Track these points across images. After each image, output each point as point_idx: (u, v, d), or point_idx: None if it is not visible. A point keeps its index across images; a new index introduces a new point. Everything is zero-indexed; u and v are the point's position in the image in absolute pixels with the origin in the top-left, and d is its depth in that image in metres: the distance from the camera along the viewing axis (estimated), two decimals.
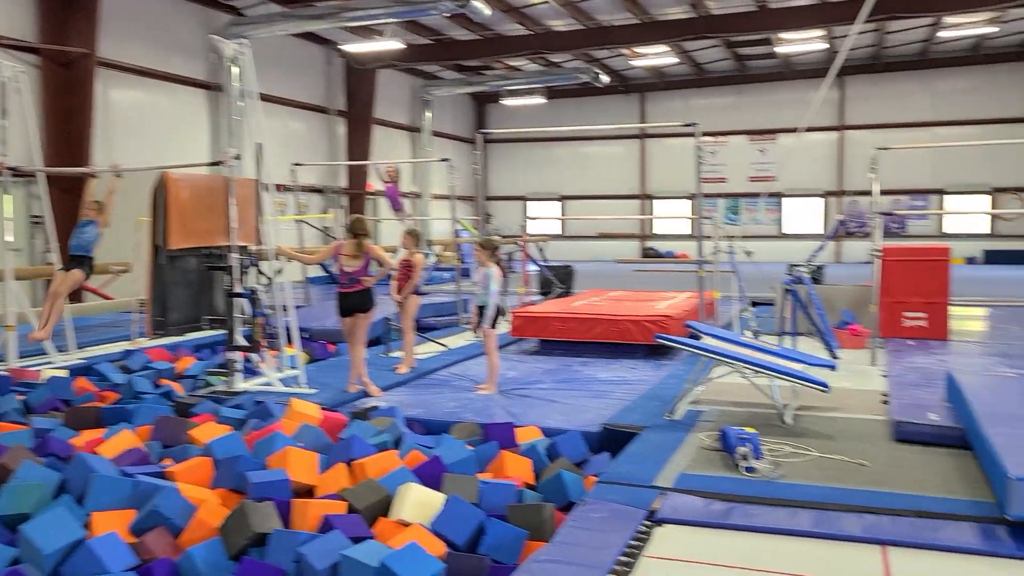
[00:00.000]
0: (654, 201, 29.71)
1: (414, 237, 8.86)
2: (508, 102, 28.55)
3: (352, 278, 7.45)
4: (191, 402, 7.09)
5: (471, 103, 30.81)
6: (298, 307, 11.73)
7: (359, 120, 23.11)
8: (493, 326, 7.73)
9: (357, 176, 23.06)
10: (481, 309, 7.74)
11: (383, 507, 4.75)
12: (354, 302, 7.49)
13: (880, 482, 4.87)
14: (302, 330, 9.12)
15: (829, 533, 4.19)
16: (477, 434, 6.18)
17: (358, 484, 4.92)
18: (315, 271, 16.81)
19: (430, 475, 5.06)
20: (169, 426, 6.08)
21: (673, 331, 8.71)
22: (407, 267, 8.68)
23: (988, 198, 25.75)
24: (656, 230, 30.16)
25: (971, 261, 25.18)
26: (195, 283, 7.97)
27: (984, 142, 19.89)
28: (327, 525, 4.41)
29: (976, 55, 25.04)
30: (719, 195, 28.07)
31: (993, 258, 25.03)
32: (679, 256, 26.96)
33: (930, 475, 4.99)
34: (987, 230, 26.04)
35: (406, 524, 4.48)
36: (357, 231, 7.51)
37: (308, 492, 5.07)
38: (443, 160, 13.46)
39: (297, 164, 14.50)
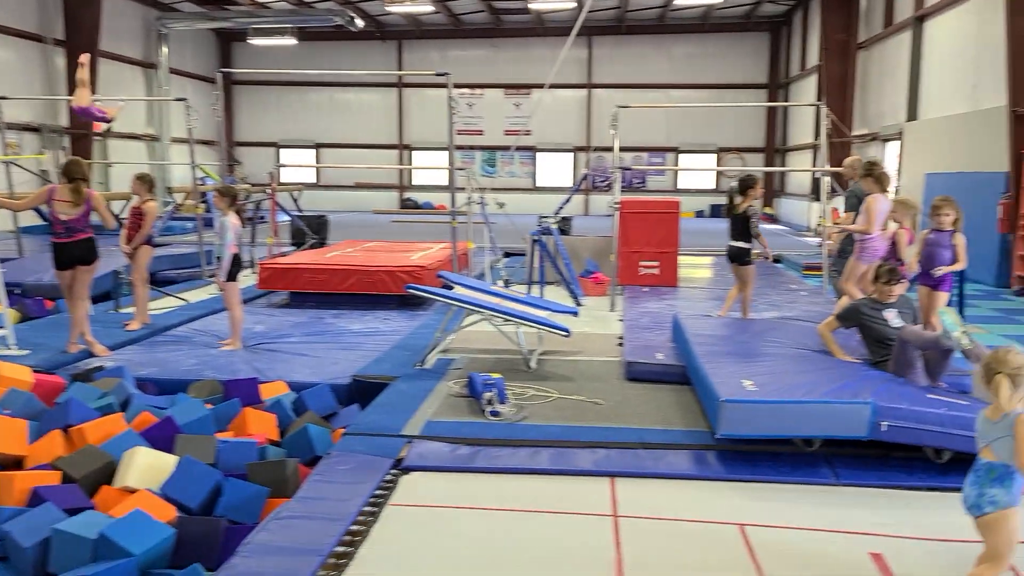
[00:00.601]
0: (413, 152, 29.61)
1: (146, 183, 8.13)
2: (256, 42, 26.89)
3: (70, 227, 6.70)
4: None
5: (215, 40, 28.73)
6: (8, 259, 10.47)
7: (82, 52, 20.60)
8: (233, 278, 7.29)
9: None
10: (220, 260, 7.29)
11: (106, 475, 4.37)
12: (73, 253, 6.76)
13: (611, 418, 5.22)
14: (13, 285, 8.17)
15: (565, 469, 4.44)
16: (218, 392, 5.84)
17: (75, 452, 4.49)
18: (31, 219, 15.05)
19: (161, 437, 4.73)
20: None
21: (427, 282, 8.74)
22: (137, 215, 7.96)
23: (714, 156, 28.33)
24: (415, 181, 30.12)
25: (699, 214, 27.67)
26: None
27: (711, 104, 21.69)
28: (37, 498, 3.99)
29: (705, 24, 27.22)
30: (476, 147, 28.54)
31: (718, 212, 27.61)
32: (438, 207, 27.15)
33: (654, 410, 5.42)
34: (712, 186, 28.68)
35: (132, 491, 4.15)
36: (73, 175, 6.73)
37: (16, 464, 4.56)
38: (180, 100, 12.45)
39: (2, 98, 12.77)
